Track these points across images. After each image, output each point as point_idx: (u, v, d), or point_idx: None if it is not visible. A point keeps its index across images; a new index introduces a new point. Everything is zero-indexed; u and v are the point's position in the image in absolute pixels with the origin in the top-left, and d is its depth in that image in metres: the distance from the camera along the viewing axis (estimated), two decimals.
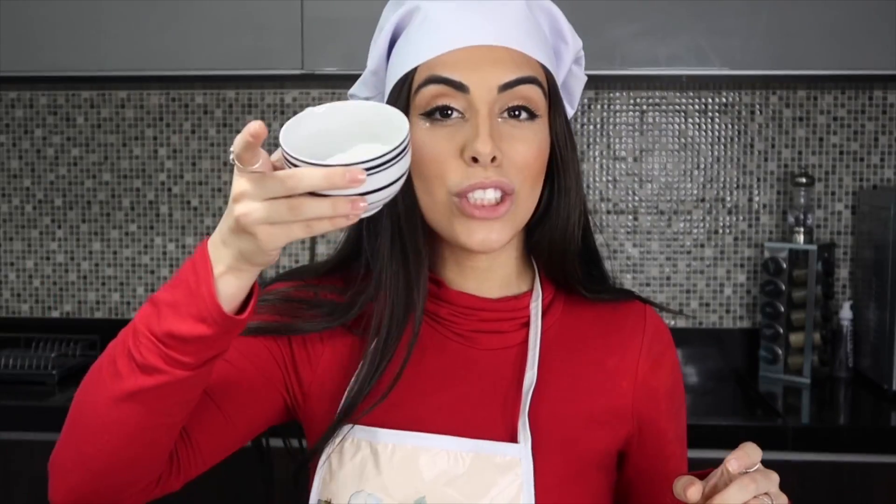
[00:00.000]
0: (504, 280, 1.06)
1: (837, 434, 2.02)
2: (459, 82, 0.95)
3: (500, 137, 0.95)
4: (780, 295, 2.37)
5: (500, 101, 0.95)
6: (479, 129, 0.93)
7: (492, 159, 0.93)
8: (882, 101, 2.50)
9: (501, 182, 0.94)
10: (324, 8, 2.18)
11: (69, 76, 2.33)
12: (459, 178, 0.95)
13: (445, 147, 0.95)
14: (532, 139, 0.97)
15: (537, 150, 0.97)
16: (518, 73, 0.96)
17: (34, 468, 2.08)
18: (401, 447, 0.98)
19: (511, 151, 0.95)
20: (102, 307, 2.66)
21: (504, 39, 0.96)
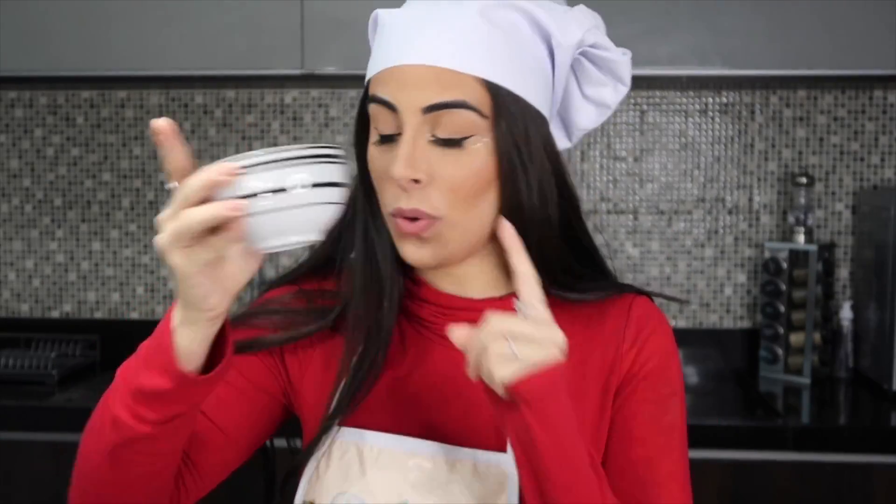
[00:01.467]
0: (486, 283, 1.04)
1: (837, 434, 2.02)
2: (389, 102, 0.94)
3: (427, 160, 0.93)
4: (781, 295, 2.37)
5: (427, 122, 0.93)
6: (399, 153, 0.93)
7: (415, 182, 0.93)
8: (882, 101, 2.50)
9: (419, 211, 0.94)
10: (324, 8, 2.19)
11: (69, 76, 2.34)
12: (391, 198, 0.96)
13: (381, 167, 0.96)
14: (462, 164, 0.94)
15: (467, 175, 0.94)
16: (442, 97, 0.93)
17: (34, 468, 2.08)
18: (387, 451, 0.97)
19: (438, 175, 0.94)
20: (102, 307, 2.66)
21: (432, 58, 0.93)
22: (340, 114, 2.59)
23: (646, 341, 1.02)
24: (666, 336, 1.04)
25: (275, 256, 2.75)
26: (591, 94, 1.05)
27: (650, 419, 1.00)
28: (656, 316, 1.05)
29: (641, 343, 1.02)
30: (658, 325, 1.04)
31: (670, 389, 1.03)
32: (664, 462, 0.99)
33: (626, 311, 1.04)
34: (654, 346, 1.02)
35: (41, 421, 2.11)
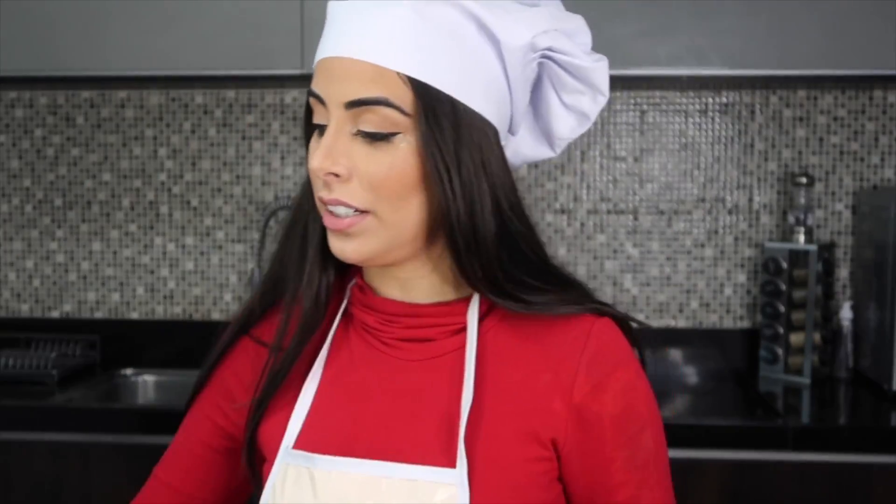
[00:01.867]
0: (431, 288, 1.01)
1: (837, 434, 2.02)
2: (318, 95, 0.95)
3: (348, 155, 0.93)
4: (780, 295, 2.37)
5: (350, 116, 0.93)
6: (320, 145, 0.93)
7: (335, 176, 0.93)
8: (882, 101, 2.50)
9: (342, 201, 0.93)
10: (324, 8, 2.17)
11: (69, 76, 2.33)
12: (317, 188, 0.96)
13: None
14: (384, 160, 0.92)
15: (387, 171, 0.92)
16: (363, 93, 0.91)
17: (34, 468, 2.08)
18: (337, 474, 0.96)
19: (360, 170, 0.93)
20: (102, 307, 2.66)
21: (356, 52, 0.92)
22: None
23: (606, 378, 0.97)
24: (627, 367, 0.99)
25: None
26: (570, 102, 1.02)
27: (625, 462, 0.98)
28: (618, 346, 1.00)
29: (599, 379, 0.97)
30: (620, 357, 0.99)
31: (639, 425, 0.99)
32: (645, 495, 0.99)
33: (584, 335, 0.98)
34: (616, 385, 0.98)
35: (41, 421, 2.11)
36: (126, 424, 2.09)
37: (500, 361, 0.99)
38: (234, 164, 2.61)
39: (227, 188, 2.61)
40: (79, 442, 2.07)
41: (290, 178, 2.60)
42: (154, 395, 2.52)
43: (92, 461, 2.06)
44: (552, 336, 0.99)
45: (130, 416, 2.14)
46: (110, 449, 2.07)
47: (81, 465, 2.06)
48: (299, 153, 2.60)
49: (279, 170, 2.60)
